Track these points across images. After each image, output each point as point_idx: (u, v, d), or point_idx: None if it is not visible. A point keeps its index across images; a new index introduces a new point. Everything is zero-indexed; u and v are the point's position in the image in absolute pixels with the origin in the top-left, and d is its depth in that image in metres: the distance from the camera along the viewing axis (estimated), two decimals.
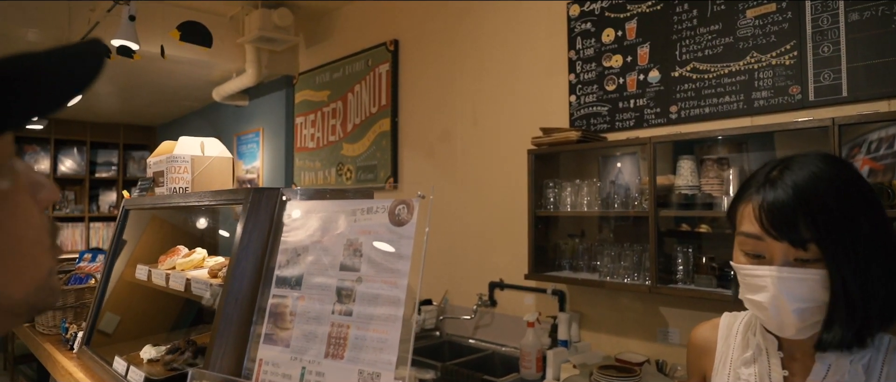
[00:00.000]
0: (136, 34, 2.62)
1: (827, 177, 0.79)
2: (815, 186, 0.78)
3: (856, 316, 0.78)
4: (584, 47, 2.71)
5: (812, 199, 0.78)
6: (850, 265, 0.76)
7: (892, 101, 1.86)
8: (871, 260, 0.77)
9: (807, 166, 0.81)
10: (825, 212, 0.77)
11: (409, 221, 0.91)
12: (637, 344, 2.50)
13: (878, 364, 0.83)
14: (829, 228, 0.77)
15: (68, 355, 1.70)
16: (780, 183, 0.81)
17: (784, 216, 0.79)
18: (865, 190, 0.80)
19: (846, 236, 0.77)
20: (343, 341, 0.90)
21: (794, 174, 0.81)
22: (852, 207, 0.78)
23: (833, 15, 1.97)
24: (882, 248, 0.78)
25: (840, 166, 0.82)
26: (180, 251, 1.50)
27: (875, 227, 0.78)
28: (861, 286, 0.77)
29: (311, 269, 0.98)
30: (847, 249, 0.76)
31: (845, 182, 0.79)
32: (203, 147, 1.60)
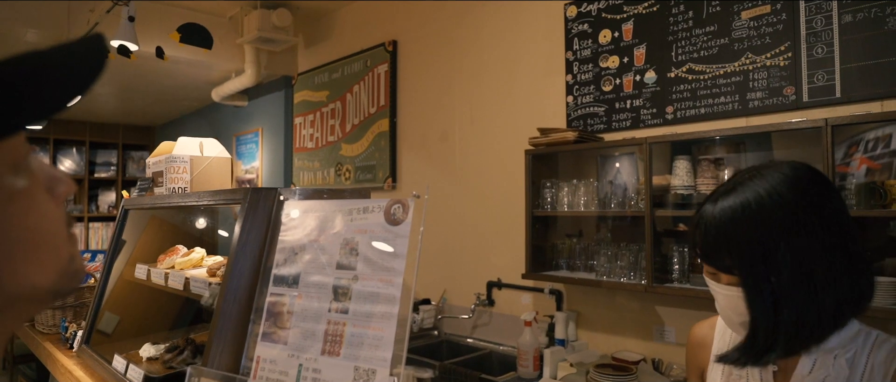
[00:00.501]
0: (135, 35, 2.63)
1: (757, 206, 0.83)
2: (741, 216, 0.84)
3: (756, 344, 0.84)
4: (581, 48, 2.73)
5: (731, 233, 0.84)
6: (758, 295, 0.83)
7: (885, 102, 1.87)
8: (784, 299, 0.81)
9: (749, 189, 0.85)
10: (742, 244, 0.83)
11: (405, 220, 0.92)
12: (634, 343, 2.51)
13: (862, 358, 0.85)
14: (743, 258, 0.83)
15: (68, 353, 1.71)
16: (714, 212, 0.87)
17: (709, 249, 0.87)
18: (803, 214, 0.83)
19: (759, 274, 0.82)
20: (339, 338, 0.91)
21: (730, 200, 0.86)
22: (773, 235, 0.82)
23: (827, 16, 1.99)
24: (800, 287, 0.81)
25: (785, 187, 0.84)
26: (179, 250, 1.51)
27: (794, 269, 0.81)
28: (766, 319, 0.82)
29: (308, 268, 1.00)
30: (759, 286, 0.82)
31: (778, 208, 0.83)
32: (202, 147, 1.61)
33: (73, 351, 1.73)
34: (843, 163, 1.87)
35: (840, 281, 0.82)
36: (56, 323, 1.99)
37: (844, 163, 1.87)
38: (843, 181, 1.82)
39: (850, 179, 1.83)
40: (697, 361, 1.07)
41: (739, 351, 0.86)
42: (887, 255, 1.86)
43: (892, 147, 1.80)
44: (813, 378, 0.87)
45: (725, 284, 0.87)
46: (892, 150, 1.80)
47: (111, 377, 1.38)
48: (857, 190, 1.79)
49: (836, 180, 1.84)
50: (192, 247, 1.66)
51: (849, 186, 1.82)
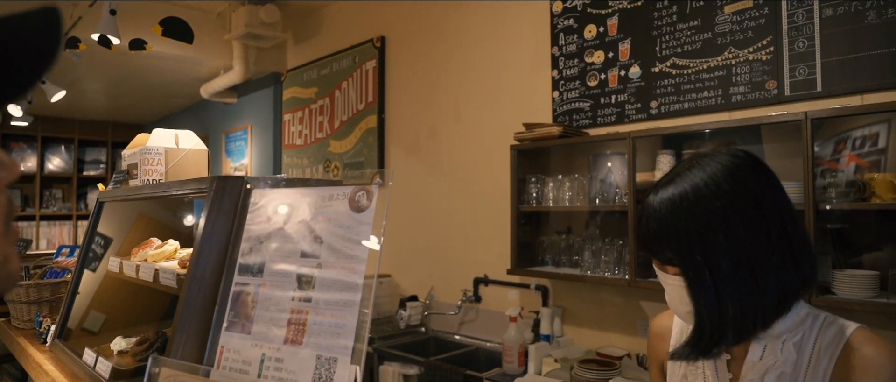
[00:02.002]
0: (116, 28, 2.61)
1: (694, 196, 0.83)
2: (679, 206, 0.84)
3: (703, 338, 0.84)
4: (566, 43, 2.73)
5: (671, 224, 0.84)
6: (700, 286, 0.83)
7: (865, 95, 1.88)
8: (726, 288, 0.82)
9: (687, 179, 0.85)
10: (682, 244, 0.84)
11: (369, 207, 0.91)
12: (618, 338, 2.51)
13: (810, 341, 0.85)
14: (682, 249, 0.84)
15: (41, 348, 1.69)
16: (654, 203, 0.87)
17: (650, 241, 0.88)
18: (740, 203, 0.83)
19: (698, 264, 0.82)
20: (302, 327, 0.90)
21: (669, 190, 0.86)
22: (711, 226, 0.82)
23: (808, 11, 1.99)
24: (741, 275, 0.82)
25: (722, 176, 0.84)
26: (153, 242, 1.50)
27: (734, 258, 0.81)
28: (711, 310, 0.83)
29: (273, 256, 0.98)
30: (698, 271, 0.82)
31: (715, 198, 0.83)
32: (177, 139, 1.60)
33: (46, 346, 1.71)
34: (833, 159, 1.87)
35: (782, 268, 0.82)
36: (31, 319, 1.97)
37: (834, 159, 1.87)
38: (833, 178, 1.82)
39: (839, 175, 1.82)
40: (658, 353, 1.07)
41: (689, 346, 0.86)
42: (866, 249, 1.86)
43: (879, 145, 1.80)
44: (763, 364, 0.87)
45: (672, 275, 0.87)
46: (879, 147, 1.80)
47: (81, 370, 1.36)
48: (838, 183, 1.79)
49: (825, 176, 1.84)
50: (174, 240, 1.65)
51: (831, 180, 1.81)
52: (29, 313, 1.96)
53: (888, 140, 1.77)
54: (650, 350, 1.10)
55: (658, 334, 1.07)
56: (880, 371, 0.79)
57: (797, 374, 0.84)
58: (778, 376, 0.85)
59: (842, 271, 1.78)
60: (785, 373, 0.85)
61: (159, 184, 1.43)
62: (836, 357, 0.83)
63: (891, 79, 1.82)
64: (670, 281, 0.88)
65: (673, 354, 0.89)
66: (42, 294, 1.98)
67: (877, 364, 0.80)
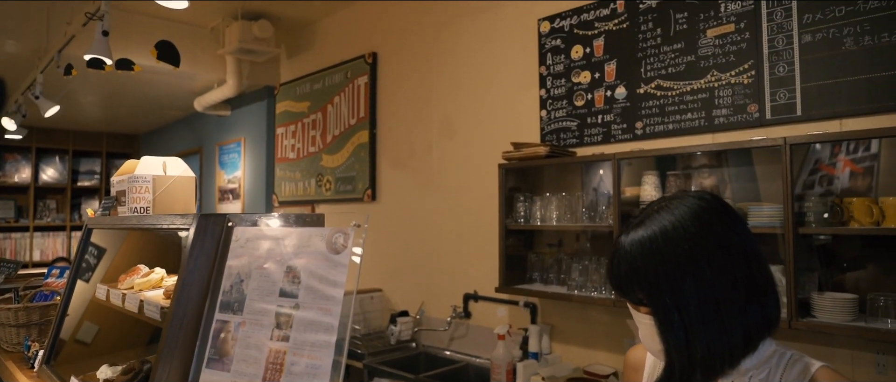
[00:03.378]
0: (108, 49, 2.64)
1: (662, 239, 0.86)
2: (649, 249, 0.87)
3: (673, 371, 0.86)
4: (554, 63, 2.76)
5: (640, 267, 0.87)
6: (668, 328, 0.85)
7: (843, 120, 1.91)
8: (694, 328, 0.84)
9: (656, 222, 0.88)
10: (649, 277, 0.86)
11: (346, 249, 0.93)
12: (605, 356, 2.53)
13: (775, 378, 0.88)
14: (652, 291, 0.86)
15: (28, 373, 1.70)
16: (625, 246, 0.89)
17: (620, 284, 0.91)
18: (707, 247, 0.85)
19: (667, 306, 0.85)
20: (280, 366, 0.92)
21: (639, 233, 0.89)
22: (679, 269, 0.85)
23: (788, 36, 2.03)
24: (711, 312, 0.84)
25: (689, 220, 0.87)
26: (140, 270, 1.52)
27: (701, 299, 0.84)
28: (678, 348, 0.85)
29: (253, 294, 1.01)
30: (667, 313, 0.85)
31: (682, 241, 0.85)
32: (165, 167, 1.62)
33: (34, 371, 1.72)
34: (830, 164, 1.90)
35: (747, 308, 0.85)
36: (20, 342, 1.98)
37: (830, 164, 1.90)
38: (812, 201, 1.85)
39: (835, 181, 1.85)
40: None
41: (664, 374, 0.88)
42: (848, 270, 1.89)
43: (871, 151, 1.83)
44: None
45: (644, 314, 0.90)
46: (872, 153, 1.83)
47: None
48: (816, 205, 1.82)
49: (805, 199, 1.87)
50: (164, 265, 1.66)
51: (810, 204, 1.84)
52: (18, 336, 1.97)
53: (880, 145, 1.80)
54: (625, 381, 1.12)
55: (632, 366, 1.10)
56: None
57: None
58: None
59: (822, 294, 1.81)
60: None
61: (145, 216, 1.45)
62: None
63: (868, 104, 1.85)
64: (643, 320, 0.91)
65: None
66: (31, 318, 1.99)
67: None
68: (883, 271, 1.82)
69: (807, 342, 1.94)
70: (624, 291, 0.91)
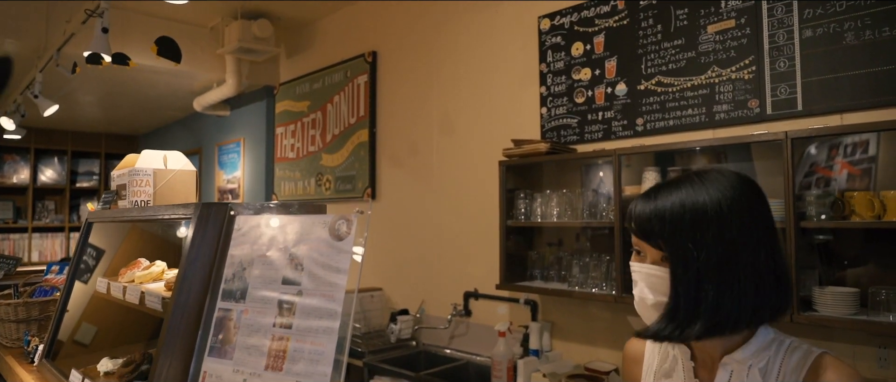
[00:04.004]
0: (108, 46, 2.63)
1: (695, 198, 0.87)
2: (679, 204, 0.87)
3: (677, 315, 0.86)
4: (554, 60, 2.76)
5: (667, 213, 0.88)
6: (683, 269, 0.85)
7: (844, 114, 1.91)
8: (707, 274, 0.84)
9: (690, 179, 0.90)
10: (675, 224, 0.86)
11: (348, 236, 0.93)
12: (606, 353, 2.53)
13: (775, 367, 0.87)
14: (674, 236, 0.86)
15: (28, 368, 1.70)
16: (655, 194, 0.91)
17: (644, 219, 0.90)
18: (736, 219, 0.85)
19: (687, 249, 0.85)
20: (282, 354, 0.91)
21: (670, 189, 0.90)
22: (704, 228, 0.85)
23: (788, 31, 2.03)
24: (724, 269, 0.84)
25: (727, 185, 0.88)
26: (141, 263, 1.51)
27: (720, 251, 0.84)
28: (688, 291, 0.85)
29: (255, 282, 1.00)
30: (685, 257, 0.85)
31: (715, 193, 0.86)
32: (166, 161, 1.61)
33: (34, 366, 1.71)
34: (827, 166, 1.90)
35: (763, 279, 0.85)
36: (19, 337, 1.97)
37: (828, 166, 1.90)
38: (814, 194, 1.85)
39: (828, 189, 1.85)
40: (632, 376, 1.08)
41: (660, 323, 0.87)
42: (849, 265, 1.89)
43: (869, 153, 1.83)
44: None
45: (650, 263, 0.90)
46: (870, 156, 1.83)
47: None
48: (816, 201, 1.82)
49: (807, 193, 1.87)
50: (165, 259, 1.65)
51: (812, 198, 1.84)
52: (17, 331, 1.96)
53: (878, 148, 1.81)
54: (625, 373, 1.12)
55: (632, 358, 1.09)
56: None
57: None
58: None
59: (823, 288, 1.81)
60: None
61: (146, 207, 1.45)
62: (801, 380, 0.85)
63: (869, 99, 1.85)
64: (646, 270, 0.90)
65: (640, 333, 0.90)
66: (31, 313, 1.98)
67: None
68: (884, 266, 1.82)
69: (808, 336, 1.94)
70: (644, 231, 0.90)
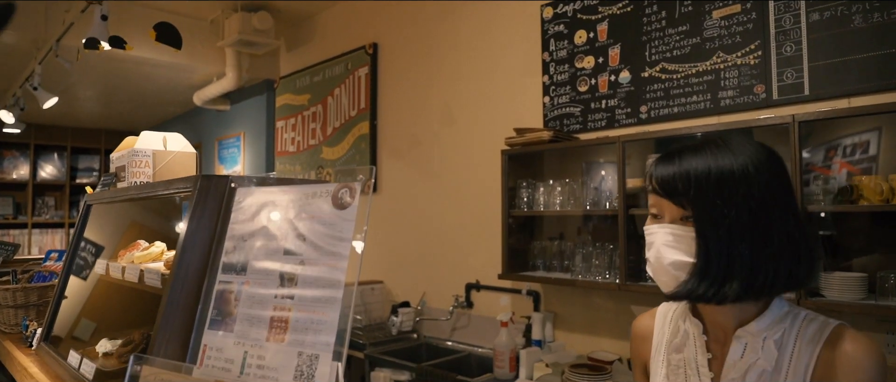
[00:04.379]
0: (107, 32, 2.61)
1: (720, 159, 0.84)
2: (704, 162, 0.84)
3: (710, 272, 0.82)
4: (557, 49, 2.74)
5: (692, 170, 0.85)
6: (712, 227, 0.82)
7: (852, 98, 1.89)
8: (739, 232, 0.81)
9: (715, 143, 0.86)
10: (701, 181, 0.83)
11: (352, 204, 0.91)
12: (609, 343, 2.51)
13: (791, 339, 0.85)
14: (700, 193, 0.83)
15: (27, 352, 1.68)
16: (680, 154, 0.87)
17: (667, 176, 0.86)
18: (763, 181, 0.83)
19: (715, 205, 0.82)
20: (284, 324, 0.89)
21: (694, 150, 0.86)
22: (732, 186, 0.82)
23: (795, 15, 2.01)
24: (756, 228, 0.81)
25: (754, 150, 0.85)
26: (140, 245, 1.49)
27: (750, 209, 0.81)
28: (720, 249, 0.81)
29: (256, 254, 0.98)
30: (713, 215, 0.82)
31: (739, 168, 0.83)
32: (165, 142, 1.59)
33: (32, 349, 1.69)
34: (825, 165, 1.88)
35: (796, 240, 0.82)
36: (18, 322, 1.95)
37: (826, 165, 1.88)
38: (822, 181, 1.83)
39: (831, 181, 1.83)
40: (640, 354, 1.06)
41: (692, 281, 0.83)
42: (856, 252, 1.87)
43: (870, 153, 1.81)
44: (744, 362, 0.86)
45: (667, 223, 0.86)
46: (870, 155, 1.81)
47: (65, 372, 1.35)
48: (827, 186, 1.80)
49: (815, 179, 1.86)
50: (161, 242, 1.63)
51: (820, 182, 1.82)
52: (16, 317, 1.94)
53: (879, 148, 1.79)
54: (633, 351, 1.09)
55: (640, 335, 1.06)
56: (861, 368, 0.79)
57: (779, 372, 0.84)
58: (759, 374, 0.85)
59: (830, 273, 1.79)
60: (766, 371, 0.84)
61: (145, 185, 1.43)
62: (817, 353, 0.82)
63: (877, 82, 1.83)
64: (664, 230, 0.86)
65: (674, 294, 0.86)
66: (29, 298, 1.96)
67: (857, 361, 0.80)
68: (892, 251, 1.80)
69: None
70: (667, 188, 0.86)
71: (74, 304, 1.92)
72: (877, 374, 0.79)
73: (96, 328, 2.20)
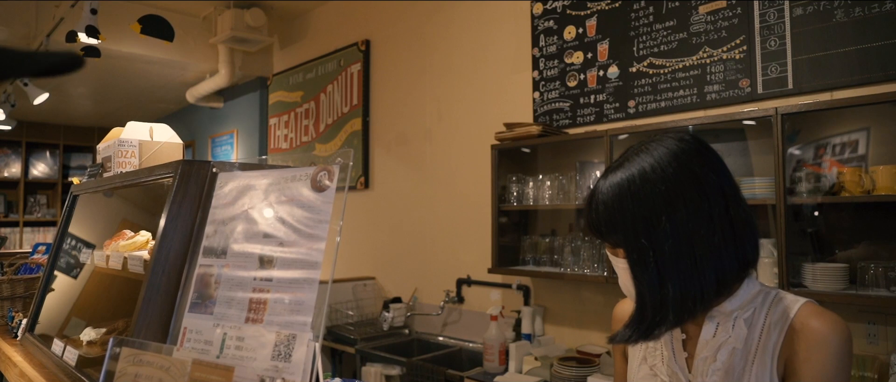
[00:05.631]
0: (97, 26, 2.61)
1: (640, 180, 0.84)
2: (626, 191, 0.85)
3: (644, 318, 0.84)
4: (546, 45, 2.76)
5: (616, 208, 0.85)
6: (642, 269, 0.84)
7: (834, 92, 1.91)
8: (666, 265, 0.82)
9: (635, 164, 0.86)
10: (625, 219, 0.84)
11: (330, 186, 0.92)
12: (598, 336, 2.52)
13: (760, 318, 0.86)
14: (628, 233, 0.84)
15: (11, 342, 1.68)
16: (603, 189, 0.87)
17: (598, 226, 0.88)
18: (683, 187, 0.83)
19: (642, 240, 0.83)
20: (263, 306, 0.90)
21: (618, 175, 0.86)
22: (655, 209, 0.83)
23: (779, 10, 2.03)
24: (684, 252, 0.82)
25: (667, 160, 0.85)
26: (125, 235, 1.50)
27: (675, 235, 0.82)
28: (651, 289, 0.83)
29: (236, 237, 0.99)
30: (641, 255, 0.83)
31: (659, 181, 0.83)
32: (152, 132, 1.60)
33: (17, 340, 1.70)
34: (815, 163, 1.90)
35: (722, 250, 0.83)
36: (3, 314, 1.95)
37: (816, 163, 1.90)
38: (804, 173, 1.85)
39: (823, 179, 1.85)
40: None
41: (629, 328, 0.86)
42: (838, 245, 1.88)
43: (859, 152, 1.83)
44: (716, 341, 0.88)
45: (622, 258, 0.87)
46: (859, 154, 1.83)
47: (49, 360, 1.35)
48: (809, 179, 1.82)
49: (797, 171, 1.87)
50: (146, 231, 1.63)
51: (803, 175, 1.84)
52: (2, 308, 1.94)
53: (868, 146, 1.81)
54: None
55: (620, 319, 1.08)
56: (826, 344, 0.81)
57: (748, 349, 0.85)
58: (730, 352, 0.86)
59: (813, 264, 1.81)
60: (737, 349, 0.86)
61: (130, 173, 1.43)
62: (785, 331, 0.84)
63: (859, 75, 1.85)
64: (621, 265, 0.88)
65: (613, 337, 0.89)
66: (15, 290, 1.96)
67: (822, 337, 0.81)
68: (874, 242, 1.82)
69: None
70: (601, 233, 0.89)
71: (62, 298, 1.92)
72: (841, 350, 0.81)
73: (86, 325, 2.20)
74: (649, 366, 0.97)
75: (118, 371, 0.91)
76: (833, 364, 0.80)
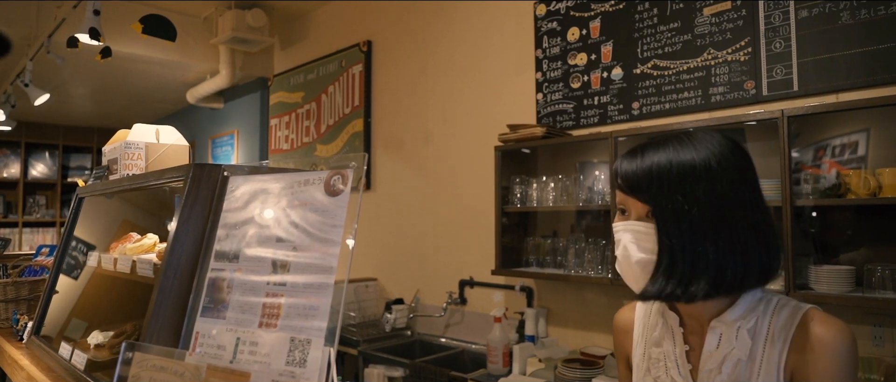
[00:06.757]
0: (101, 27, 2.60)
1: (682, 154, 0.84)
2: (666, 157, 0.85)
3: (675, 271, 0.82)
4: (550, 46, 2.75)
5: (654, 166, 0.85)
6: (675, 224, 0.82)
7: (839, 94, 1.91)
8: (702, 230, 0.81)
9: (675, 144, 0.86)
10: (662, 176, 0.83)
11: (344, 190, 0.91)
12: (602, 338, 2.52)
13: (764, 327, 0.85)
14: (661, 189, 0.83)
15: (17, 345, 1.67)
16: (642, 151, 0.87)
17: (630, 172, 0.87)
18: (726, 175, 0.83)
19: (676, 201, 0.82)
20: (277, 311, 0.90)
21: (657, 146, 0.87)
22: (693, 181, 0.82)
23: (784, 12, 2.03)
24: (721, 224, 0.82)
25: (716, 143, 0.85)
26: (132, 237, 1.49)
27: (713, 205, 0.82)
28: (683, 246, 0.82)
29: (249, 242, 0.98)
30: (675, 209, 0.82)
31: (701, 162, 0.83)
32: (158, 135, 1.59)
33: (23, 342, 1.69)
34: (815, 165, 1.90)
35: (766, 235, 0.83)
36: (8, 317, 1.94)
37: (815, 165, 1.90)
38: (811, 177, 1.85)
39: (821, 180, 1.85)
40: (623, 347, 1.06)
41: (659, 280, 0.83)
42: (844, 247, 1.89)
43: (859, 153, 1.83)
44: (720, 353, 0.87)
45: (634, 220, 0.86)
46: (859, 156, 1.83)
47: (57, 364, 1.35)
48: (815, 181, 1.82)
49: (803, 174, 1.87)
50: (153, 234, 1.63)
51: (809, 178, 1.84)
52: (6, 311, 1.93)
53: (867, 148, 1.81)
54: (616, 345, 1.09)
55: (622, 329, 1.06)
56: (833, 351, 0.80)
57: (753, 360, 0.84)
58: (735, 363, 0.85)
59: (819, 267, 1.81)
60: (741, 360, 0.85)
61: (138, 176, 1.43)
62: (790, 338, 0.82)
63: (864, 78, 1.85)
64: (630, 227, 0.86)
65: (642, 294, 0.85)
66: (20, 293, 1.95)
67: (828, 344, 0.80)
68: (880, 244, 1.82)
69: None
70: (631, 184, 0.86)
71: (66, 303, 1.92)
72: (848, 356, 0.80)
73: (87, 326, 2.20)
74: (653, 378, 0.96)
75: (131, 376, 0.91)
76: (841, 370, 0.79)
